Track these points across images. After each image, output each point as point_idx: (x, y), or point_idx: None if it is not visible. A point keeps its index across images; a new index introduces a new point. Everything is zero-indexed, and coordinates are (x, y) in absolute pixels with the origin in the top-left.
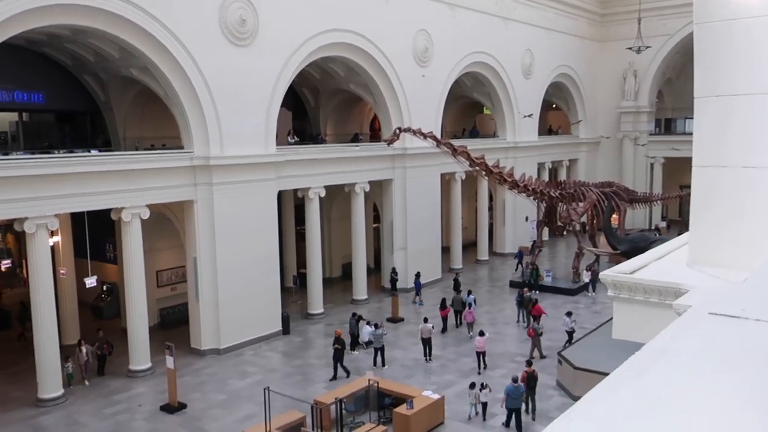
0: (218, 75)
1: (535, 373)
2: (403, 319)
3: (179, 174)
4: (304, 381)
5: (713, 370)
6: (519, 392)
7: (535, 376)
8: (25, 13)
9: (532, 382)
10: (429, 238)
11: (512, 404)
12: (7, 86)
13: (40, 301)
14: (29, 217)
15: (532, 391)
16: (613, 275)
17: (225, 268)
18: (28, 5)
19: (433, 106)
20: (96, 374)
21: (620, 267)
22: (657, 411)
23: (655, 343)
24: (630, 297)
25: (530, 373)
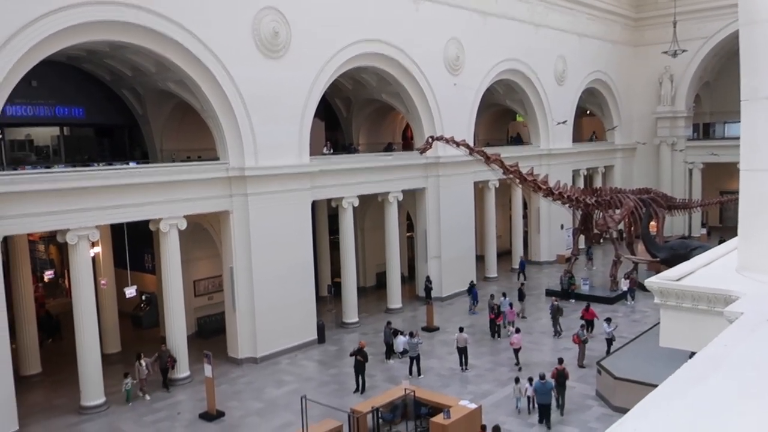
0: (252, 87)
1: (565, 371)
2: (438, 328)
3: (215, 185)
4: (340, 390)
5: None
6: (546, 388)
7: (565, 373)
8: (67, 30)
9: (561, 379)
10: (463, 247)
11: (541, 400)
12: (49, 101)
13: (82, 310)
14: (71, 228)
15: (562, 387)
16: (660, 282)
17: (261, 278)
18: (70, 22)
19: (465, 114)
20: (160, 387)
21: (666, 274)
22: (720, 419)
23: (708, 351)
24: (677, 304)
25: (560, 371)
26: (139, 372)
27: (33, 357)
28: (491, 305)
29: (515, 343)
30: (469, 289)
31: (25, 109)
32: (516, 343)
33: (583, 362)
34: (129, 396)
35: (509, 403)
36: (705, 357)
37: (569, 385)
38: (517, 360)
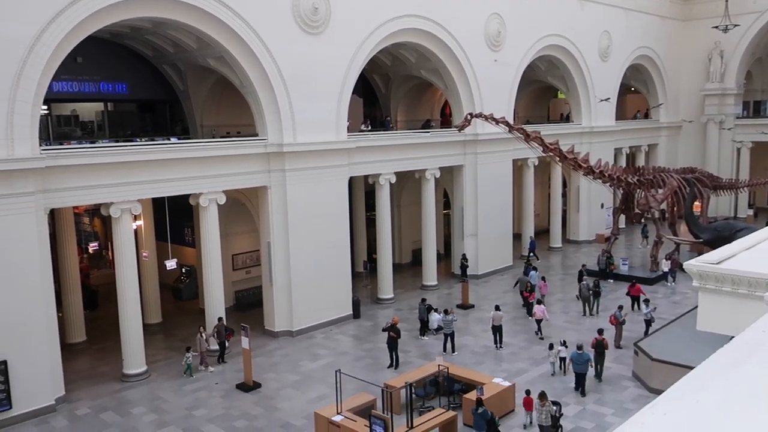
0: (291, 63)
1: (605, 341)
2: (474, 306)
3: (254, 161)
4: (374, 365)
5: None
6: (583, 359)
7: (604, 344)
8: (110, 7)
9: (600, 349)
10: (500, 225)
11: (578, 369)
12: (94, 77)
13: (124, 282)
14: (114, 202)
15: (601, 357)
16: (699, 265)
17: (297, 253)
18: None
19: (505, 91)
20: (216, 362)
21: (706, 257)
22: (753, 407)
23: (746, 336)
24: (717, 288)
25: (600, 341)
26: (200, 344)
27: (78, 326)
28: (524, 282)
29: (537, 315)
30: (525, 270)
31: (71, 85)
32: (538, 314)
33: (620, 343)
34: (190, 369)
35: (543, 381)
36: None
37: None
38: (539, 331)
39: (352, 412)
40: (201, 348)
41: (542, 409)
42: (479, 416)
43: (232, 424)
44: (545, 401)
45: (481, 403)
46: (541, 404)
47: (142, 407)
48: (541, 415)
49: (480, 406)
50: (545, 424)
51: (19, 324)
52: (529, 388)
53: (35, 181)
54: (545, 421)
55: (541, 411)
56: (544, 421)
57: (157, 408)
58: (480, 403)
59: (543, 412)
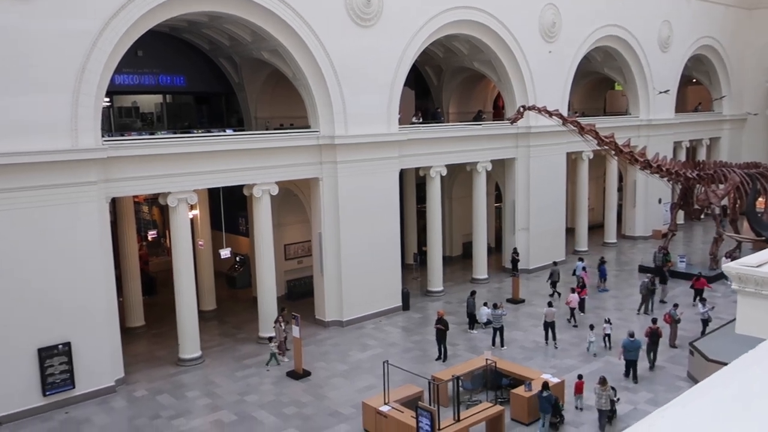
0: (343, 56)
1: (659, 330)
2: (524, 301)
3: (306, 152)
4: (422, 357)
5: None
6: (635, 346)
7: (659, 333)
8: (169, 2)
9: (654, 338)
10: (553, 219)
11: (629, 356)
12: (153, 70)
13: (181, 269)
14: (171, 191)
15: (655, 345)
16: (738, 268)
17: (348, 244)
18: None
19: (559, 82)
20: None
21: (746, 260)
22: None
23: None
24: (756, 291)
25: (654, 330)
26: (279, 333)
27: (137, 311)
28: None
29: (571, 302)
30: (598, 265)
31: (132, 78)
32: (572, 302)
33: (675, 342)
34: (275, 358)
35: (593, 378)
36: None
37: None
38: (572, 317)
39: (399, 403)
40: (279, 337)
41: (602, 394)
42: (544, 399)
43: (282, 411)
44: (605, 386)
45: (546, 387)
46: (602, 389)
47: (196, 391)
48: (600, 399)
49: (545, 390)
50: (604, 408)
51: (82, 308)
52: (581, 373)
53: (97, 171)
54: (604, 405)
55: (601, 395)
56: (603, 405)
57: (211, 392)
58: (546, 387)
59: (603, 396)
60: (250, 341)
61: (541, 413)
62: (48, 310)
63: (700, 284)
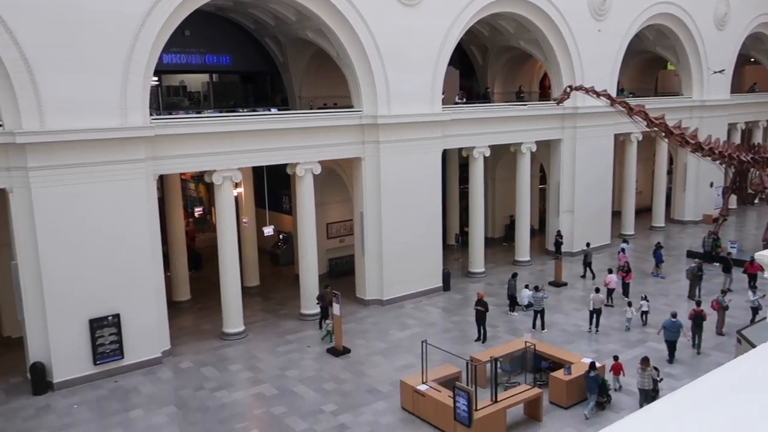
0: (387, 35)
1: (703, 313)
2: (566, 284)
3: (349, 132)
4: (461, 337)
5: None
6: (676, 326)
7: (702, 315)
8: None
9: (699, 320)
10: (598, 202)
11: (669, 336)
12: (200, 50)
13: (225, 245)
14: (217, 169)
15: (699, 328)
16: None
17: (389, 224)
18: None
19: (608, 62)
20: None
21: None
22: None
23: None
24: None
25: (698, 312)
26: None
27: (184, 285)
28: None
29: (609, 283)
30: (654, 251)
31: (180, 57)
32: (610, 282)
33: (722, 330)
34: (330, 335)
35: (634, 363)
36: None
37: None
38: (609, 298)
39: (437, 382)
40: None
41: (644, 374)
42: (591, 380)
43: (322, 386)
44: (647, 366)
45: (593, 367)
46: (643, 369)
47: (239, 364)
48: (643, 379)
49: (593, 370)
50: (647, 388)
51: (131, 281)
52: (617, 354)
53: (145, 149)
54: (647, 384)
55: (644, 376)
56: (646, 385)
57: (253, 366)
58: (593, 367)
59: (645, 376)
60: (292, 317)
61: (588, 393)
62: (99, 283)
63: (754, 269)
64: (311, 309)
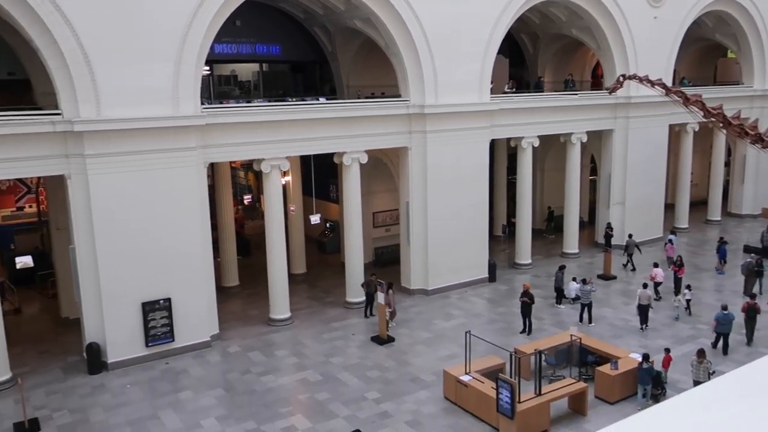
0: (435, 24)
1: (756, 305)
2: (616, 278)
3: (395, 122)
4: (506, 329)
5: None
6: (728, 319)
7: (756, 308)
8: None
9: (752, 313)
10: (650, 194)
11: (721, 329)
12: (250, 40)
13: (273, 233)
14: (265, 158)
15: (753, 321)
16: None
17: (435, 214)
18: None
19: (664, 50)
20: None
21: None
22: None
23: None
24: None
25: (752, 305)
26: (391, 300)
27: (233, 271)
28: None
29: (655, 277)
30: (717, 246)
31: (230, 47)
32: (656, 276)
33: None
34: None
35: (684, 361)
36: None
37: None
38: (656, 292)
39: (480, 373)
40: (393, 303)
41: (700, 366)
42: (644, 371)
43: (365, 374)
44: (703, 358)
45: (647, 359)
46: (699, 362)
47: (285, 350)
48: (698, 371)
49: (646, 362)
50: (702, 380)
51: (182, 266)
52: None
53: (196, 137)
54: (702, 377)
55: (699, 368)
56: (701, 377)
57: (298, 352)
58: (646, 359)
59: (701, 369)
60: (337, 305)
61: (640, 385)
62: (151, 267)
63: None
64: (356, 297)
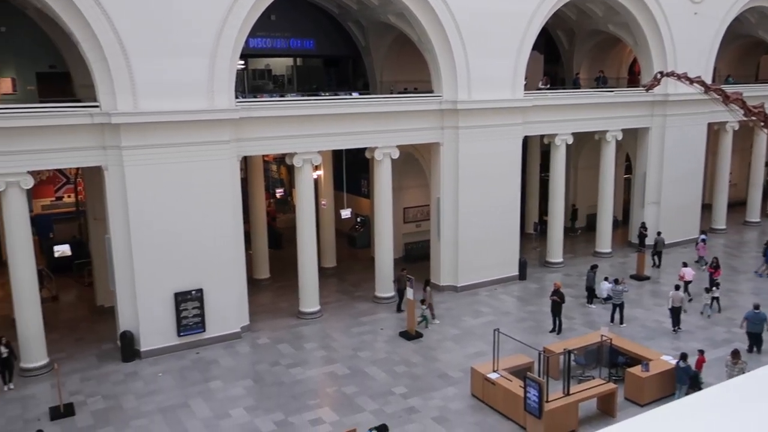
0: (469, 19)
1: None
2: (649, 278)
3: (428, 117)
4: (535, 328)
5: None
6: (759, 318)
7: None
8: None
9: None
10: (687, 194)
11: (752, 328)
12: (285, 34)
13: (304, 226)
14: (298, 152)
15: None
16: None
17: (466, 210)
18: None
19: (704, 47)
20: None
21: None
22: None
23: None
24: None
25: None
26: (429, 296)
27: (263, 264)
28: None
29: (684, 276)
30: (764, 249)
31: (265, 42)
32: (685, 275)
33: None
34: (426, 320)
35: (719, 365)
36: None
37: None
38: (686, 292)
39: (508, 371)
40: (429, 300)
41: (735, 367)
42: (682, 371)
43: (393, 369)
44: (738, 359)
45: (684, 358)
46: (734, 362)
47: (313, 343)
48: (732, 371)
49: (683, 361)
50: None
51: (214, 257)
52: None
53: (230, 130)
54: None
55: (733, 368)
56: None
57: (327, 345)
58: (684, 358)
59: (735, 369)
60: (366, 300)
61: (678, 384)
62: (184, 258)
63: None
64: (386, 292)
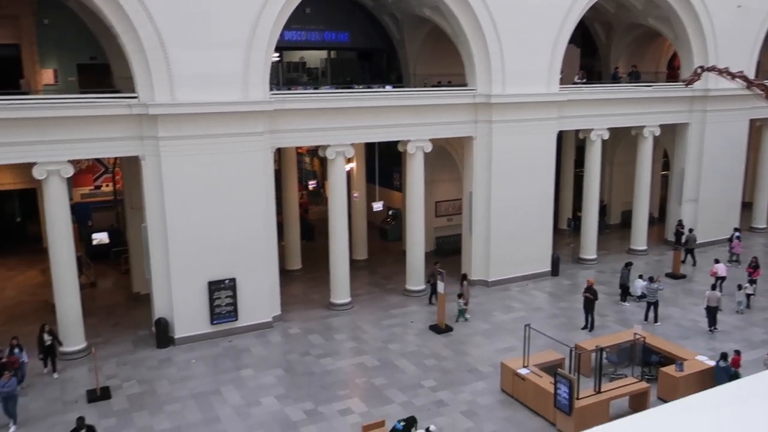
0: (505, 12)
1: None
2: (685, 276)
3: (461, 111)
4: (567, 324)
5: None
6: None
7: None
8: None
9: None
10: (726, 191)
11: None
12: (319, 27)
13: (336, 219)
14: (330, 144)
15: None
16: None
17: (499, 205)
18: None
19: (747, 40)
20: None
21: None
22: None
23: None
24: None
25: None
26: (467, 292)
27: (296, 255)
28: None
29: (716, 272)
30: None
31: (300, 34)
32: (717, 271)
33: None
34: (462, 314)
35: (756, 366)
36: None
37: None
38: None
39: (538, 367)
40: (467, 294)
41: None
42: (721, 370)
43: (423, 362)
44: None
45: (725, 358)
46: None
47: (344, 334)
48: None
49: (723, 360)
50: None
51: (247, 248)
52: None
53: (264, 122)
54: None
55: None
56: None
57: (357, 337)
58: (724, 357)
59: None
60: (397, 292)
61: (717, 384)
62: (218, 248)
63: None
64: (416, 285)
